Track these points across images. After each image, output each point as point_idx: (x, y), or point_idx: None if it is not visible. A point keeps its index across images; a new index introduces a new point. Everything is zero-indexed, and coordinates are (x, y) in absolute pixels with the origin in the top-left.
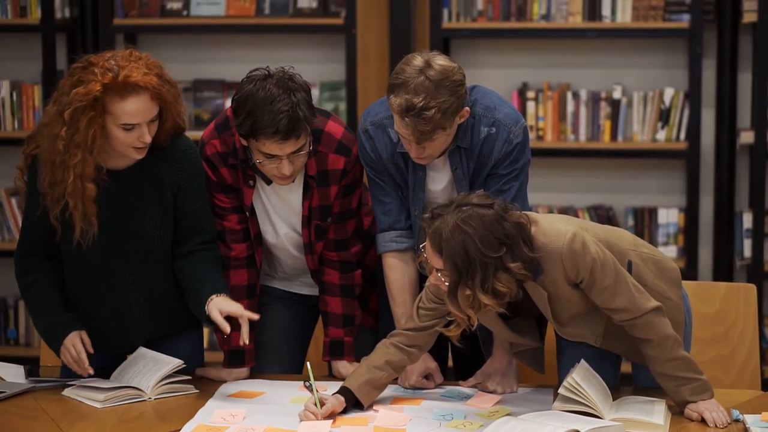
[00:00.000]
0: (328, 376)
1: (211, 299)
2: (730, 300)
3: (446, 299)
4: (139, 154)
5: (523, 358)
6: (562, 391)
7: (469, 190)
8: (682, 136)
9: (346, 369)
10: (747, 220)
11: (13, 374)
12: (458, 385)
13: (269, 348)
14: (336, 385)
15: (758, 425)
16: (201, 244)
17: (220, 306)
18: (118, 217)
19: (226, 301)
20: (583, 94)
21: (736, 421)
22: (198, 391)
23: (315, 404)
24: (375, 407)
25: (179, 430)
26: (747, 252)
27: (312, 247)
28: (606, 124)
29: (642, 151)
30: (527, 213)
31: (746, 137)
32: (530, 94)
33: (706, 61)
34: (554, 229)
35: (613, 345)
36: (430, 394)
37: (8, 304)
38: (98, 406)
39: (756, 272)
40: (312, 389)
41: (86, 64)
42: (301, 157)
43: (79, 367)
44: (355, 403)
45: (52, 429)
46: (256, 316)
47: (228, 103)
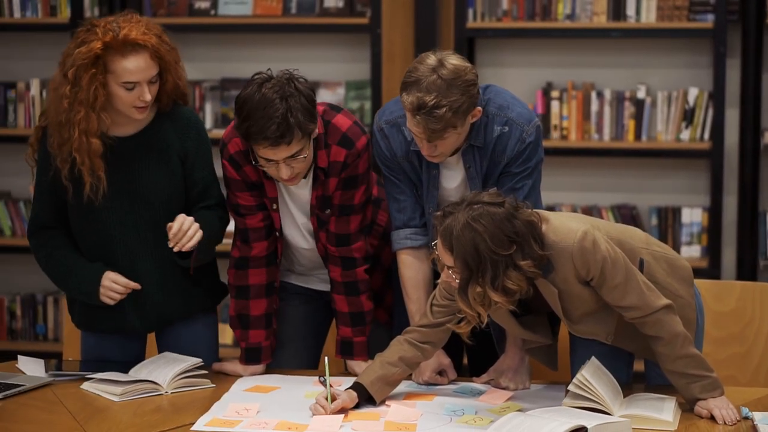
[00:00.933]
0: (345, 372)
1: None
2: (746, 299)
3: (457, 296)
4: (141, 114)
5: (536, 355)
6: (571, 388)
7: (483, 188)
8: (706, 135)
9: (360, 366)
10: None
11: (34, 368)
12: (471, 382)
13: (286, 343)
14: (351, 381)
15: (766, 422)
16: (205, 208)
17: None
18: (126, 182)
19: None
20: (608, 94)
21: (746, 418)
22: (214, 386)
23: (326, 398)
24: (387, 402)
25: (194, 424)
26: None
27: (318, 236)
28: (630, 124)
29: (666, 150)
30: (538, 211)
31: None
32: (554, 94)
33: (731, 61)
34: (565, 227)
35: (625, 342)
36: (443, 390)
37: (37, 300)
38: (115, 399)
39: None
40: (326, 384)
41: (89, 27)
42: (300, 162)
43: (125, 290)
44: (368, 399)
45: (69, 421)
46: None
47: None
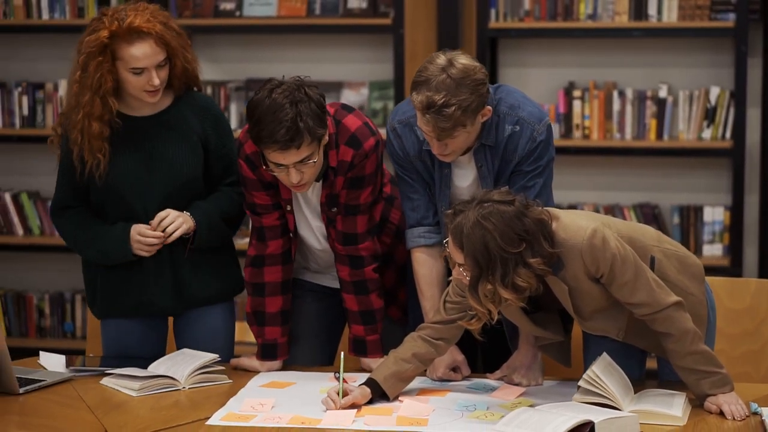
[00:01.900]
0: (360, 369)
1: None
2: (760, 296)
3: (467, 293)
4: (152, 98)
5: (548, 351)
6: (581, 383)
7: (494, 186)
8: (728, 134)
9: (374, 363)
10: None
11: (55, 364)
12: (485, 378)
13: (301, 340)
14: (366, 378)
15: None
16: (228, 185)
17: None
18: (146, 158)
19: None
20: (629, 93)
21: (755, 413)
22: (231, 381)
23: (338, 393)
24: (400, 398)
25: (209, 418)
26: None
27: (328, 233)
28: (652, 123)
29: (687, 149)
30: (549, 209)
31: None
32: (577, 93)
33: (752, 60)
34: (575, 225)
35: (636, 339)
36: (457, 386)
37: (65, 299)
38: (133, 394)
39: None
40: (340, 379)
41: (100, 16)
42: (310, 167)
43: (155, 240)
44: (381, 395)
45: (88, 416)
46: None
47: None
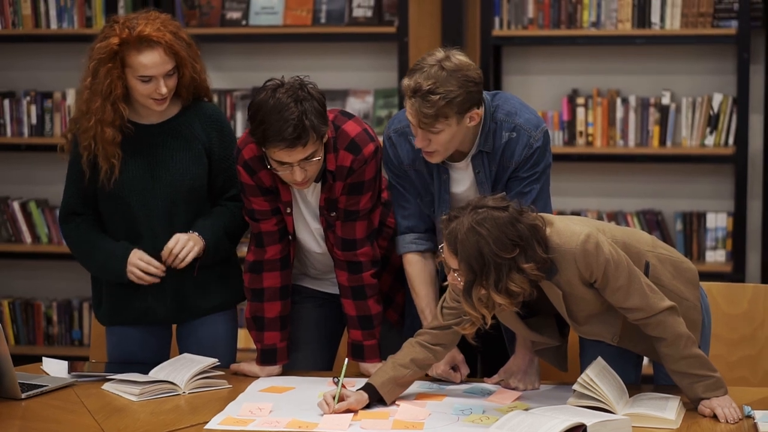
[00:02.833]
0: (360, 374)
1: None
2: (757, 301)
3: (461, 298)
4: (159, 106)
5: (545, 356)
6: (576, 387)
7: (492, 192)
8: (731, 141)
9: (373, 368)
10: None
11: (58, 369)
12: (482, 382)
13: (301, 345)
14: (364, 383)
15: (767, 420)
16: (229, 198)
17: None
18: (151, 165)
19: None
20: (633, 100)
21: (748, 416)
22: (231, 386)
23: (334, 397)
24: (397, 402)
25: (208, 422)
26: None
27: (327, 237)
28: (655, 130)
29: (691, 156)
30: (543, 215)
31: None
32: (580, 100)
33: (754, 67)
34: (569, 230)
35: (631, 344)
36: (454, 391)
37: (73, 306)
38: (134, 399)
39: None
40: (338, 384)
41: (112, 23)
42: (314, 164)
43: (155, 270)
44: (379, 400)
45: (89, 420)
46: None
47: None
